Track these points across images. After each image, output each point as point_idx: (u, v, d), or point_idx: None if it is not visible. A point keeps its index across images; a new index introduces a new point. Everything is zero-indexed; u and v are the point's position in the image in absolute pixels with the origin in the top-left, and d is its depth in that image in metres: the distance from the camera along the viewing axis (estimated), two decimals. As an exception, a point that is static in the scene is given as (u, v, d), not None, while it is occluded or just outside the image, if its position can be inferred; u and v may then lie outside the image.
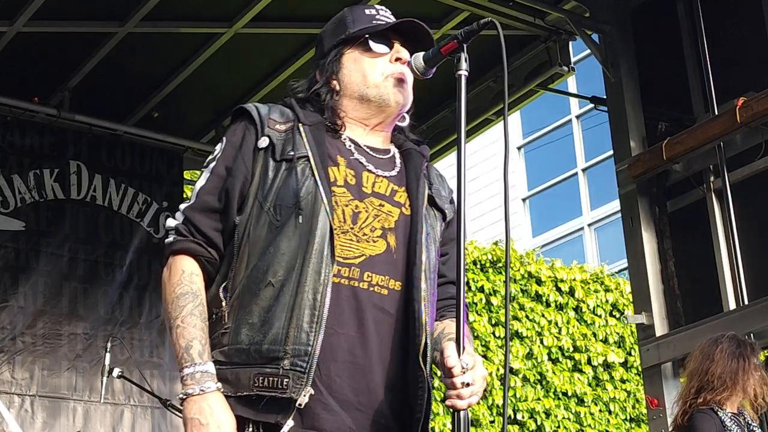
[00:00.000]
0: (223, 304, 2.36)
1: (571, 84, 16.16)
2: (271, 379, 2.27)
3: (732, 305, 5.81)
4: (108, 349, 5.74)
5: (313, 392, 2.27)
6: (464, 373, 2.22)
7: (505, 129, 2.40)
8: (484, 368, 2.29)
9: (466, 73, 2.37)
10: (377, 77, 2.50)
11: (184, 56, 6.72)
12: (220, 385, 2.29)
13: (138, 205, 7.21)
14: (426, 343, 2.38)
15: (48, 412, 6.48)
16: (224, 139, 2.49)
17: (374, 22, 2.55)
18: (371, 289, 2.37)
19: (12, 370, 6.44)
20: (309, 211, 2.35)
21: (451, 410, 2.24)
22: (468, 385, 2.22)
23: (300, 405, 2.26)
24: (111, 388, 6.52)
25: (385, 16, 2.59)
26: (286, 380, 2.26)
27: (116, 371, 5.70)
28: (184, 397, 2.28)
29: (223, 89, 7.18)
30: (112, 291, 6.92)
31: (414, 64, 2.47)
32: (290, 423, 2.26)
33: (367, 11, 2.58)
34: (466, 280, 10.47)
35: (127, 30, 6.28)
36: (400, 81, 2.50)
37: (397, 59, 2.52)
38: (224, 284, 2.38)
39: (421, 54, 2.47)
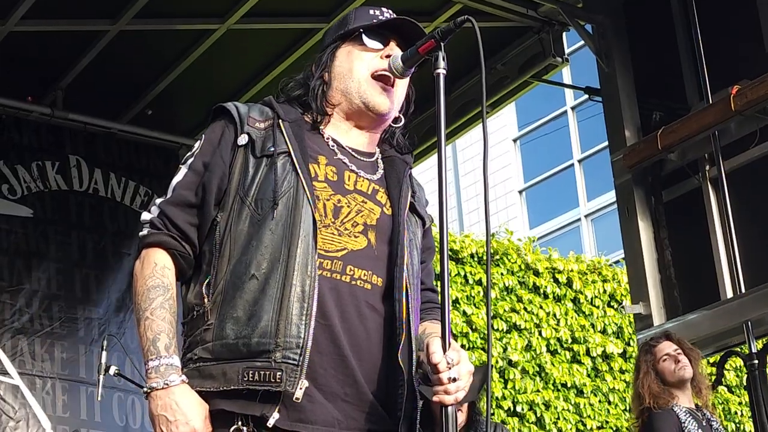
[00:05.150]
0: (206, 300, 2.35)
1: (566, 75, 16.15)
2: (262, 372, 2.25)
3: (729, 293, 5.81)
4: (104, 348, 5.72)
5: (308, 384, 2.26)
6: (450, 368, 2.22)
7: (484, 129, 2.40)
8: (471, 363, 2.29)
9: (444, 72, 2.38)
10: (363, 72, 2.51)
11: (176, 53, 6.70)
12: (185, 377, 2.28)
13: (140, 197, 7.23)
14: (408, 344, 2.38)
15: (69, 395, 6.51)
16: (203, 136, 2.50)
17: (374, 21, 2.57)
18: (353, 282, 2.37)
19: (32, 352, 6.47)
20: (292, 203, 2.34)
21: (439, 406, 2.24)
22: (454, 380, 2.22)
23: (297, 399, 2.24)
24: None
25: (387, 16, 2.60)
26: (279, 373, 2.24)
27: (113, 369, 5.68)
28: (149, 391, 2.27)
29: (216, 85, 7.16)
30: (121, 278, 6.95)
31: (392, 65, 2.47)
32: (276, 416, 2.24)
33: (371, 11, 2.60)
34: (463, 273, 10.37)
35: (119, 27, 6.27)
36: (385, 84, 2.50)
37: (388, 56, 2.52)
38: (207, 281, 2.37)
39: (399, 54, 2.47)
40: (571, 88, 15.78)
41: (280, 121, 2.46)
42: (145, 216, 2.44)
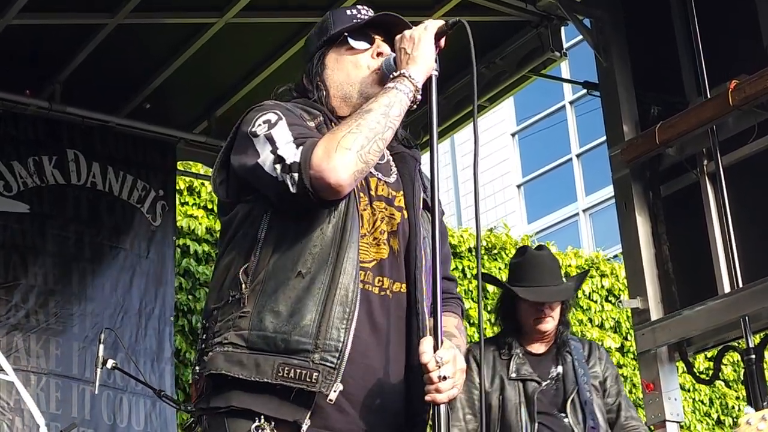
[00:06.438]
0: (243, 287, 2.32)
1: (564, 70, 16.16)
2: (299, 371, 2.24)
3: (726, 288, 5.81)
4: (101, 341, 5.73)
5: (342, 388, 2.25)
6: (439, 367, 2.22)
7: (475, 130, 2.42)
8: (464, 361, 2.30)
9: (437, 73, 2.39)
10: (361, 73, 2.51)
11: (175, 47, 6.69)
12: None
13: (137, 191, 7.22)
14: None
15: (61, 392, 6.50)
16: (270, 111, 2.41)
17: (354, 21, 2.56)
18: (382, 293, 2.38)
19: (27, 348, 6.45)
20: (343, 209, 2.34)
21: (431, 404, 2.25)
22: (446, 378, 2.23)
23: (331, 400, 2.24)
24: (113, 374, 6.52)
25: (366, 14, 2.59)
26: (316, 374, 2.24)
27: (110, 362, 5.68)
28: (404, 75, 2.38)
29: (214, 79, 7.16)
30: (117, 274, 6.94)
31: (385, 68, 2.48)
32: (308, 422, 2.24)
33: (348, 12, 2.59)
34: (461, 267, 10.37)
35: (117, 21, 6.25)
36: (384, 76, 2.49)
37: (379, 54, 2.52)
38: (245, 267, 2.34)
39: (392, 56, 2.47)
40: (570, 82, 15.78)
41: (329, 121, 2.46)
42: (288, 156, 2.29)
